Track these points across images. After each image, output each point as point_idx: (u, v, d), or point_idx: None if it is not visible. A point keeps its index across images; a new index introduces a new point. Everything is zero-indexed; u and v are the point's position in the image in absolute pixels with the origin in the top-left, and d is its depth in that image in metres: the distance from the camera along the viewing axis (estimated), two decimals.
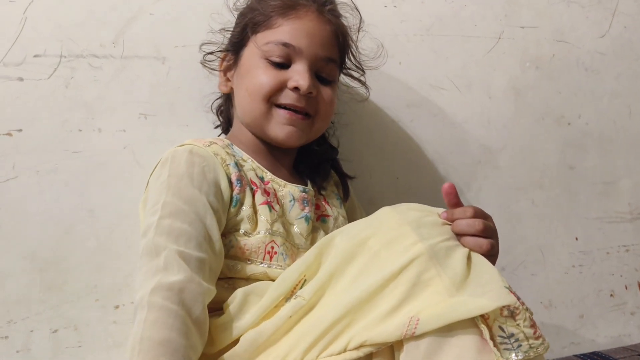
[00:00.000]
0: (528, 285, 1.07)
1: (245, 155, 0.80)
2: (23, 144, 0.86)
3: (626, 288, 1.12)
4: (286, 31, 0.78)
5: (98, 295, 0.85)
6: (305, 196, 0.81)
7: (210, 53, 0.88)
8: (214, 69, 0.89)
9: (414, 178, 1.04)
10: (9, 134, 0.86)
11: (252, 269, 0.72)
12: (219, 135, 0.92)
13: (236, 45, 0.84)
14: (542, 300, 1.08)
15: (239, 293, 0.68)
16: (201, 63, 0.89)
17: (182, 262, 0.65)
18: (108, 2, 0.90)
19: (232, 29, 0.87)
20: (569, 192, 1.10)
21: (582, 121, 1.11)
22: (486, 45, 1.07)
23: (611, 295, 1.11)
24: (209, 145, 0.76)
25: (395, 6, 1.04)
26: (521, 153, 1.08)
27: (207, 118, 0.93)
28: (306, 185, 0.84)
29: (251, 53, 0.80)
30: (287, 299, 0.64)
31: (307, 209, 0.80)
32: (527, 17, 1.10)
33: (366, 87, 0.93)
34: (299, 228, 0.78)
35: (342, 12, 0.86)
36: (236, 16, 0.86)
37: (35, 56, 0.87)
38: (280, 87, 0.78)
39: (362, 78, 0.90)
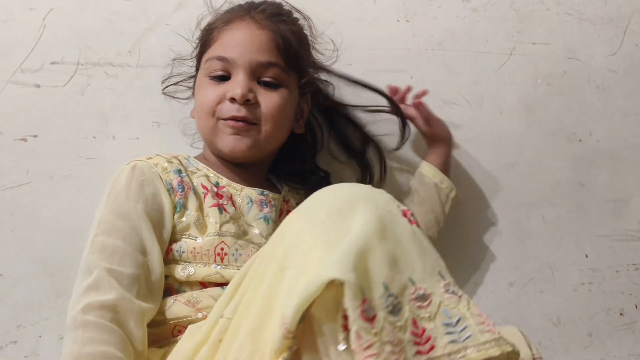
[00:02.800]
0: (537, 302, 1.06)
1: (201, 165, 0.82)
2: (37, 150, 0.87)
3: (636, 307, 1.11)
4: (221, 45, 0.81)
5: None
6: (264, 198, 0.81)
7: (176, 84, 0.91)
8: (181, 98, 0.92)
9: None
10: (24, 140, 0.87)
11: (205, 271, 0.73)
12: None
13: (196, 70, 0.86)
14: (550, 317, 1.07)
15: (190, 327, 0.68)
16: (163, 93, 0.92)
17: (114, 280, 0.67)
18: (126, 12, 0.91)
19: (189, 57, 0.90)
20: (580, 209, 1.10)
21: (593, 138, 1.11)
22: (498, 61, 1.08)
23: (621, 314, 1.10)
24: (150, 158, 0.78)
25: (407, 21, 1.05)
26: (532, 169, 1.08)
27: None
28: (280, 193, 0.85)
29: (199, 74, 0.83)
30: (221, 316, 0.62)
31: (266, 210, 0.80)
32: (539, 34, 1.10)
33: (327, 85, 0.94)
34: (258, 228, 0.79)
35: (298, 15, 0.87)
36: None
37: (52, 63, 0.88)
38: (221, 100, 0.79)
39: (321, 77, 0.92)
